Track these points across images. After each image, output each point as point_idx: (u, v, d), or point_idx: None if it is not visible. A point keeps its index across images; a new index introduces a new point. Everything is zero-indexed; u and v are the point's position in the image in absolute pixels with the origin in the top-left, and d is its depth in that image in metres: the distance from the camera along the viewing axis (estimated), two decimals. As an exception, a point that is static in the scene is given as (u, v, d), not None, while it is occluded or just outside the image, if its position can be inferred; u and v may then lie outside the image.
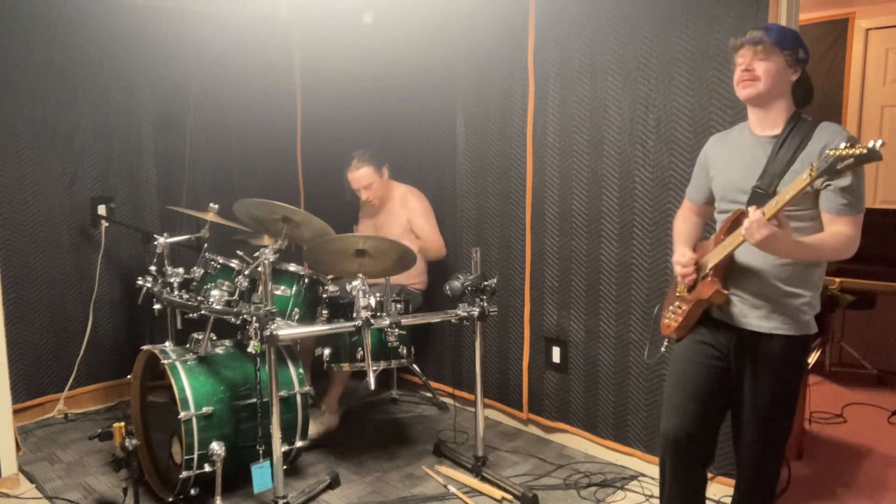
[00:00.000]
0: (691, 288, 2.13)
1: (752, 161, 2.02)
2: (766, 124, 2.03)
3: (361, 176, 3.58)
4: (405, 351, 3.11)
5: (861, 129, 4.81)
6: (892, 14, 4.62)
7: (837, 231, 1.90)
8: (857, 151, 1.61)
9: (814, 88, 2.05)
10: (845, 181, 1.85)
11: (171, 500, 2.74)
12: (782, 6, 2.49)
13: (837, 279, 4.11)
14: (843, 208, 1.89)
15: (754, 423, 2.06)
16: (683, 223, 2.32)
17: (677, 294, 2.20)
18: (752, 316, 2.02)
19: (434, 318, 3.07)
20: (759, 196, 1.95)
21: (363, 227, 3.86)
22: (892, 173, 4.68)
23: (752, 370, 2.05)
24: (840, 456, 3.30)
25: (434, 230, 3.68)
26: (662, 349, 2.30)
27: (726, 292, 2.01)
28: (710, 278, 2.04)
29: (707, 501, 2.75)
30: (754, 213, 1.79)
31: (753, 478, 2.12)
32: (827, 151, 1.67)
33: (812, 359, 4.07)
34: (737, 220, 2.00)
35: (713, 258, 2.04)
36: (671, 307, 2.21)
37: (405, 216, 3.65)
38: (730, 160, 2.10)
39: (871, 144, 1.60)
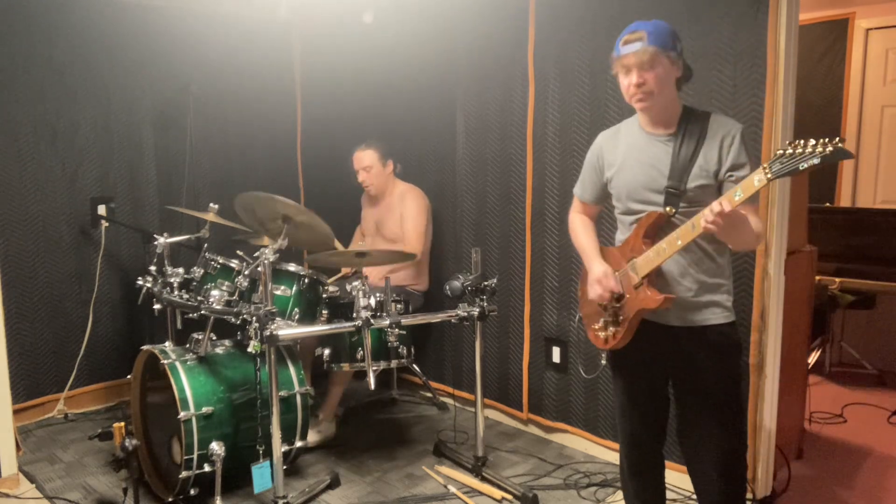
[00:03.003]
0: (619, 299, 2.08)
1: (653, 160, 2.02)
2: (658, 123, 2.03)
3: (364, 156, 3.62)
4: (405, 351, 3.11)
5: (861, 129, 4.81)
6: (892, 14, 4.63)
7: (754, 220, 1.93)
8: (825, 151, 1.56)
9: (691, 69, 2.05)
10: (744, 172, 1.89)
11: (171, 500, 2.74)
12: (782, 6, 2.48)
13: (837, 279, 4.11)
14: (747, 199, 1.90)
15: (707, 414, 2.06)
16: (584, 229, 2.30)
17: (603, 305, 2.13)
18: (683, 314, 2.03)
19: (434, 318, 3.07)
20: (673, 196, 1.96)
21: (366, 223, 3.86)
22: (892, 173, 4.68)
23: (691, 365, 2.05)
24: (840, 456, 3.30)
25: (415, 232, 3.60)
26: (603, 362, 2.27)
27: (673, 296, 1.97)
28: (646, 288, 1.99)
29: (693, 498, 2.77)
30: (719, 206, 1.75)
31: (721, 474, 2.09)
32: (778, 151, 1.64)
33: (812, 359, 4.08)
34: (654, 224, 1.99)
35: (644, 266, 1.99)
36: (602, 321, 2.15)
37: (399, 212, 3.65)
38: (630, 159, 2.08)
39: (837, 144, 1.55)
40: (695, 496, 2.83)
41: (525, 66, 3.28)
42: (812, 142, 1.58)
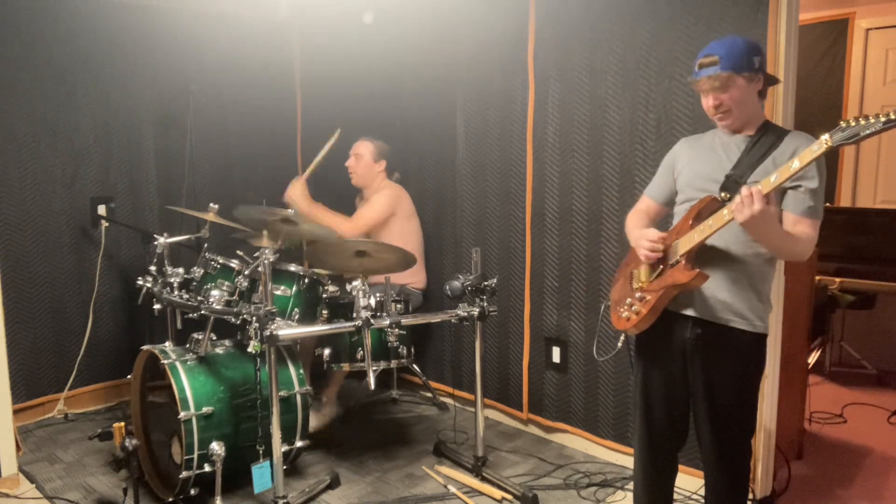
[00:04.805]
0: (652, 277, 2.08)
1: (724, 154, 2.05)
2: (738, 131, 2.07)
3: (360, 145, 3.70)
4: (405, 351, 3.11)
5: (861, 129, 4.80)
6: (892, 14, 4.63)
7: (803, 231, 1.93)
8: (890, 116, 1.58)
9: (774, 78, 2.10)
10: (814, 183, 1.91)
11: (171, 500, 2.74)
12: (782, 6, 2.49)
13: (837, 279, 4.11)
14: (808, 210, 1.93)
15: (713, 419, 2.07)
16: (638, 218, 2.32)
17: (635, 287, 2.15)
18: (713, 307, 2.02)
19: (434, 318, 3.07)
20: (732, 183, 1.97)
21: None
22: (892, 173, 4.68)
23: (708, 364, 2.05)
24: (840, 456, 3.30)
25: (366, 215, 3.59)
26: (619, 345, 2.28)
27: (707, 275, 1.95)
28: (682, 264, 1.99)
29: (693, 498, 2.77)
30: (749, 188, 1.77)
31: (722, 474, 2.11)
32: (842, 123, 1.66)
33: (812, 359, 4.08)
34: (706, 208, 1.99)
35: (684, 243, 2.00)
36: (628, 300, 2.16)
37: None
38: (700, 155, 2.12)
39: None
40: (695, 496, 2.85)
41: (525, 66, 3.28)
42: (877, 113, 1.62)
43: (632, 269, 2.21)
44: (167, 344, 2.99)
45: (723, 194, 1.98)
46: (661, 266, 2.07)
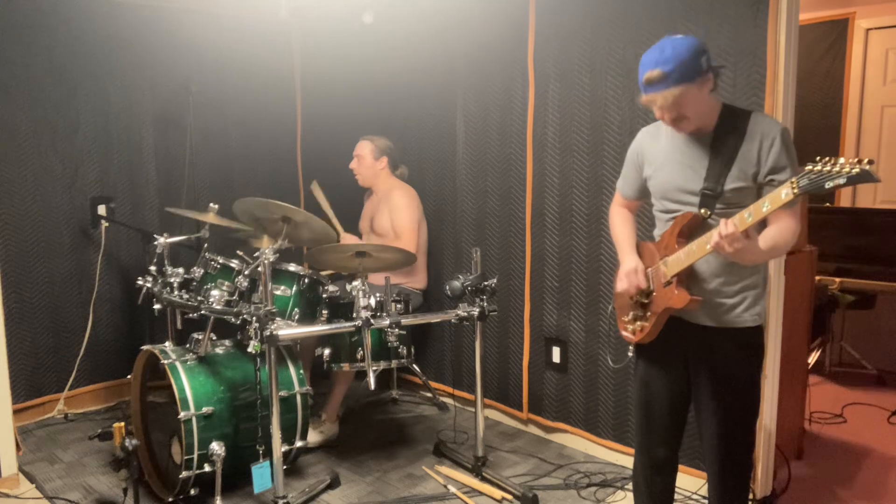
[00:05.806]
0: (648, 294, 2.10)
1: (691, 161, 2.01)
2: (697, 129, 2.01)
3: (360, 146, 3.72)
4: (405, 351, 3.11)
5: (861, 129, 4.81)
6: (892, 14, 4.63)
7: (785, 225, 1.91)
8: (851, 171, 1.56)
9: (719, 67, 1.99)
10: (785, 175, 1.88)
11: (171, 500, 2.74)
12: (782, 6, 2.49)
13: (837, 279, 4.11)
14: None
15: (716, 413, 2.07)
16: (623, 221, 2.31)
17: (635, 300, 2.15)
18: (709, 313, 2.03)
19: (434, 318, 3.07)
20: (709, 199, 1.96)
21: (363, 221, 3.86)
22: (892, 173, 4.68)
23: (710, 365, 2.06)
24: (840, 456, 3.30)
25: (408, 226, 3.57)
26: (630, 354, 2.29)
27: (700, 299, 1.98)
28: (674, 287, 2.00)
29: (693, 498, 2.77)
30: (726, 228, 1.77)
31: (724, 470, 2.12)
32: (808, 167, 1.64)
33: (812, 359, 4.08)
34: (689, 224, 1.99)
35: (674, 265, 2.00)
36: (631, 314, 2.17)
37: (387, 209, 3.65)
38: (668, 159, 2.08)
39: (865, 166, 1.55)
40: (695, 496, 2.85)
41: (525, 66, 3.28)
42: (841, 161, 1.58)
43: None
44: (167, 344, 2.99)
45: (703, 210, 1.97)
46: (654, 289, 2.08)
